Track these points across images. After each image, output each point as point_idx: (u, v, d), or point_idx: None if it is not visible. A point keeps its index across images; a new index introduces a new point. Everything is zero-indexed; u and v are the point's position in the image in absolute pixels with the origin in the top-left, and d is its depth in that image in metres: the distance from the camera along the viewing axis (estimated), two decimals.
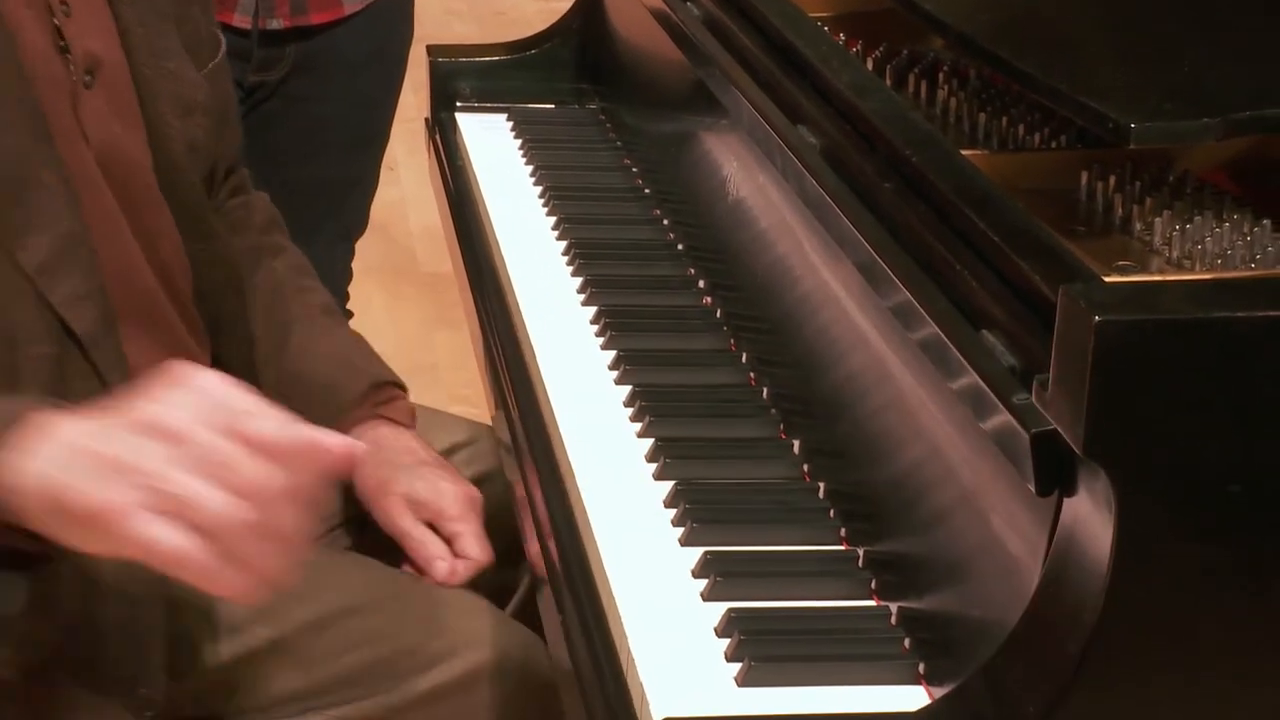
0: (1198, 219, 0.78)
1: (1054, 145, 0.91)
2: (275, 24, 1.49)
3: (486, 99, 1.52)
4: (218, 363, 1.03)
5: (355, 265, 1.75)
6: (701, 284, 1.15)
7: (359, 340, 1.15)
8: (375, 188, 1.72)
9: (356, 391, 1.07)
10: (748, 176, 1.05)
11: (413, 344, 2.43)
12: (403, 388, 1.11)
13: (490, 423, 1.20)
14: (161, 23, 1.00)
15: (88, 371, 0.88)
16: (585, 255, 1.20)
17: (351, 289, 1.75)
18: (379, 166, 1.71)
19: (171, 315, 0.99)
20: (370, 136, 1.67)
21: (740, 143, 1.06)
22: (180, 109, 1.00)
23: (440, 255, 1.67)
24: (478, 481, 1.10)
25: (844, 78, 0.94)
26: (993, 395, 0.63)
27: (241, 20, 1.47)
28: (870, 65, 1.07)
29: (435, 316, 2.53)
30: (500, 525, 1.06)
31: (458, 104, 1.52)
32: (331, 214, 1.64)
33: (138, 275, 0.96)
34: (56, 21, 0.91)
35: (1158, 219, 0.77)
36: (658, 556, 0.82)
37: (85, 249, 0.89)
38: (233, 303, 1.07)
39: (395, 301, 2.61)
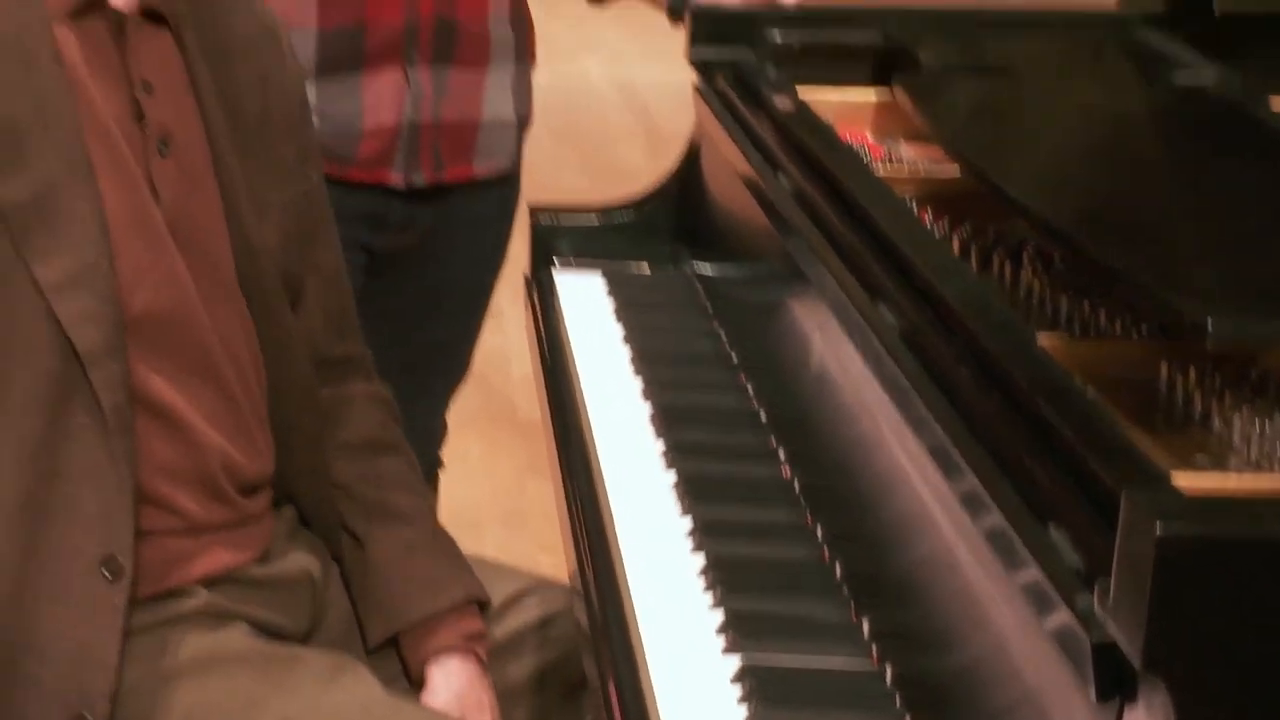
0: (1278, 418, 0.77)
1: (1136, 334, 0.91)
2: (419, 180, 1.52)
3: (583, 256, 1.57)
4: (284, 473, 1.08)
5: (455, 413, 1.77)
6: (782, 455, 1.15)
7: (451, 546, 1.16)
8: (478, 338, 1.76)
9: (443, 607, 1.09)
10: (830, 350, 1.07)
11: (505, 490, 2.46)
12: (485, 605, 1.13)
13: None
14: (245, 125, 1.07)
15: (86, 391, 0.94)
16: (669, 420, 1.22)
17: (449, 436, 1.78)
18: (483, 320, 1.75)
19: (235, 391, 1.03)
20: (484, 294, 1.70)
21: (824, 316, 1.07)
22: (257, 206, 1.06)
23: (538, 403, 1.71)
24: (545, 622, 1.13)
25: (926, 258, 0.96)
26: (1056, 595, 0.62)
27: (396, 177, 1.50)
28: (956, 243, 1.08)
29: (529, 465, 2.56)
30: (566, 665, 1.10)
31: (555, 261, 1.57)
32: (439, 370, 1.68)
33: (197, 332, 1.01)
34: (136, 95, 0.99)
35: (1236, 416, 0.77)
36: None
37: (104, 280, 0.94)
38: (306, 427, 1.11)
39: (491, 447, 2.65)
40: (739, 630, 0.91)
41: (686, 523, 1.06)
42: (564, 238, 1.60)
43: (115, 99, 0.98)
